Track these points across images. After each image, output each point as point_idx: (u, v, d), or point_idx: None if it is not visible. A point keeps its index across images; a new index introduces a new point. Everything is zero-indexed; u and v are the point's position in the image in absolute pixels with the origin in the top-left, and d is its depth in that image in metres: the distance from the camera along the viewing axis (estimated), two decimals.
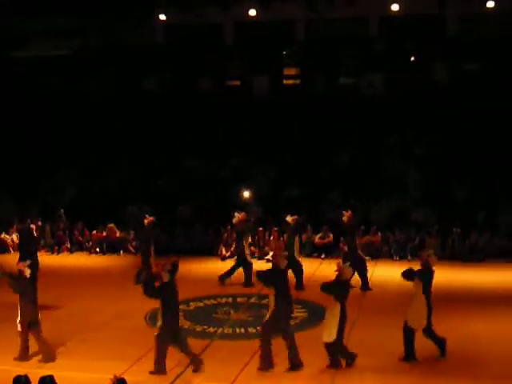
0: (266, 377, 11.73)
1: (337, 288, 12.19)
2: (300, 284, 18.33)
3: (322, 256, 22.02)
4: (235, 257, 22.24)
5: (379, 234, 22.23)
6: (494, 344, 13.45)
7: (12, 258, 22.62)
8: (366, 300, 16.89)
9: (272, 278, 12.20)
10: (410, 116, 27.25)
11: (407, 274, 12.76)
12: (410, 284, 12.67)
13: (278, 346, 12.17)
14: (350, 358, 12.13)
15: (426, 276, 12.63)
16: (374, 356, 12.23)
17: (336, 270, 12.36)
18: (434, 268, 12.79)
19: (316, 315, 15.71)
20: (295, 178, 26.01)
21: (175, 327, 12.04)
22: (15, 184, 27.43)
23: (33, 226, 18.84)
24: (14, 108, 30.53)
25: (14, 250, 23.77)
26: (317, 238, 22.38)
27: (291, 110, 28.52)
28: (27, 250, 18.12)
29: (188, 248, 22.54)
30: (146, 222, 19.38)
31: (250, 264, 18.84)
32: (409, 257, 21.00)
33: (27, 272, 12.65)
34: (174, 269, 12.39)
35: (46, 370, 9.84)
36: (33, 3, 29.31)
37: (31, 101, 30.65)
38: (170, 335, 11.91)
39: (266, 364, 11.87)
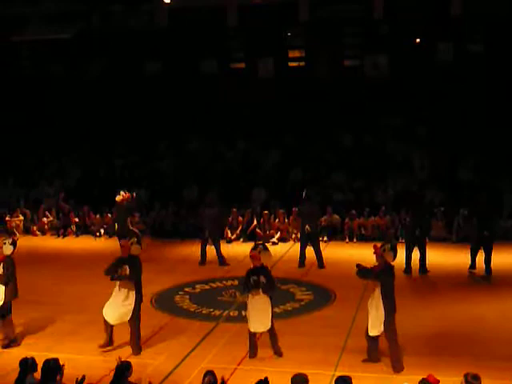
0: (271, 359, 11.75)
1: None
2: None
3: (325, 239, 21.92)
4: (241, 239, 22.46)
5: (387, 216, 22.13)
6: (500, 326, 13.43)
7: (18, 242, 22.76)
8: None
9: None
10: (415, 97, 27.13)
11: (363, 273, 11.59)
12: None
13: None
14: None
15: (385, 276, 11.23)
16: (381, 339, 12.21)
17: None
18: (393, 264, 11.48)
19: (321, 298, 15.76)
20: (300, 161, 25.95)
21: None
22: (19, 167, 27.45)
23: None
24: (17, 92, 30.50)
25: (19, 234, 23.81)
26: (322, 221, 22.29)
27: (296, 92, 28.44)
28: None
29: (193, 231, 22.51)
30: (119, 198, 19.59)
31: None
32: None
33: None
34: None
35: (53, 353, 9.87)
36: None
37: (33, 84, 30.62)
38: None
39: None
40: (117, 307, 12.13)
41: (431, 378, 8.17)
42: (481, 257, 17.51)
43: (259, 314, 11.75)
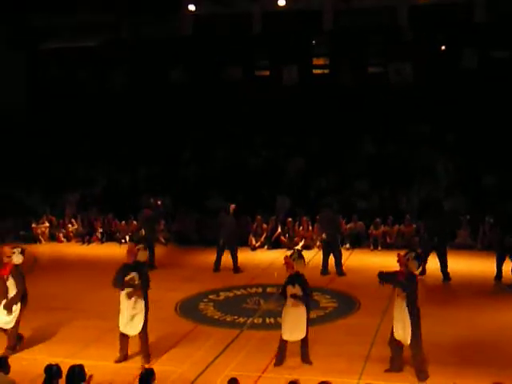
0: (295, 367, 11.71)
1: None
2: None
3: (347, 246, 21.88)
4: (265, 246, 22.48)
5: (413, 224, 22.00)
6: None
7: (43, 249, 22.94)
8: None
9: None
10: (439, 104, 27.02)
11: (385, 277, 11.52)
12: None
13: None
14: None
15: (409, 285, 11.14)
16: (405, 347, 12.15)
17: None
18: (416, 274, 11.49)
19: (346, 306, 15.72)
20: (324, 168, 25.92)
21: None
22: (45, 175, 27.64)
23: None
24: (44, 99, 30.77)
25: (44, 241, 24.00)
26: (346, 228, 22.24)
27: (320, 100, 28.43)
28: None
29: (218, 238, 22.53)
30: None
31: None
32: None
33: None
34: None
35: (77, 360, 9.91)
36: None
37: (60, 93, 30.86)
38: None
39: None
40: (129, 318, 11.95)
41: None
42: (507, 266, 17.40)
43: (293, 323, 11.66)
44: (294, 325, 11.67)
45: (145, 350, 12.02)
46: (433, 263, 17.91)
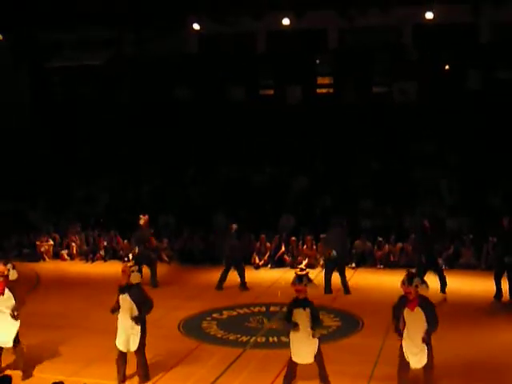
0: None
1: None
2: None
3: (353, 265, 21.89)
4: (269, 265, 22.46)
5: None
6: None
7: (47, 267, 22.97)
8: None
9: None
10: (444, 124, 27.07)
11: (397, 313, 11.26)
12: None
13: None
14: None
15: (432, 317, 11.05)
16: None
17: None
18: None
19: (349, 325, 15.70)
20: (328, 187, 25.95)
21: None
22: (49, 192, 27.70)
23: None
24: (49, 116, 30.90)
25: (49, 258, 24.04)
26: (353, 247, 22.26)
27: (324, 119, 28.51)
28: None
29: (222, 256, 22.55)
30: (141, 221, 19.57)
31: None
32: (444, 266, 20.67)
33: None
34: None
35: (79, 378, 9.91)
36: (65, 15, 29.53)
37: (65, 109, 31.00)
38: None
39: None
40: (126, 336, 11.86)
41: None
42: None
43: (302, 346, 11.35)
44: (303, 348, 11.33)
45: (144, 370, 11.93)
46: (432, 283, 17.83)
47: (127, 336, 11.79)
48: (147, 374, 11.98)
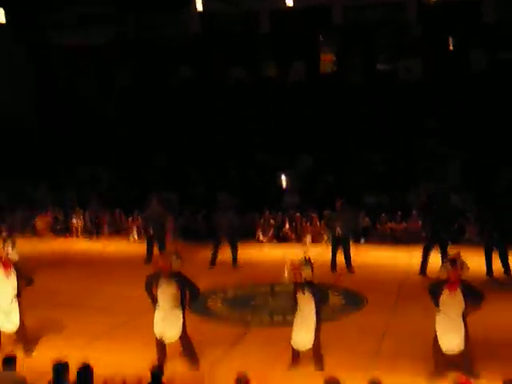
0: (303, 364, 11.66)
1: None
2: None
3: (362, 241, 21.85)
4: (273, 241, 22.48)
5: (419, 221, 21.97)
6: None
7: (50, 244, 22.96)
8: (404, 287, 16.74)
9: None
10: (449, 101, 26.96)
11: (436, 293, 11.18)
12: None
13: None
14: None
15: (475, 298, 11.36)
16: (413, 343, 12.10)
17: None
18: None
19: (354, 302, 15.68)
20: (332, 165, 25.89)
21: None
22: (51, 171, 27.66)
23: None
24: (51, 95, 30.81)
25: (50, 236, 24.03)
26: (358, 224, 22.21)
27: (328, 98, 28.39)
28: None
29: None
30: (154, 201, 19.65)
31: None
32: (448, 242, 20.54)
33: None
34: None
35: (84, 355, 9.89)
36: None
37: (67, 90, 30.91)
38: None
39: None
40: (166, 327, 11.75)
41: (463, 381, 8.13)
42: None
43: (302, 332, 11.44)
44: (302, 334, 11.41)
45: (193, 355, 11.84)
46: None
47: (168, 326, 11.69)
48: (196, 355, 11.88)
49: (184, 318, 11.79)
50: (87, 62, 31.53)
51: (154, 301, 11.80)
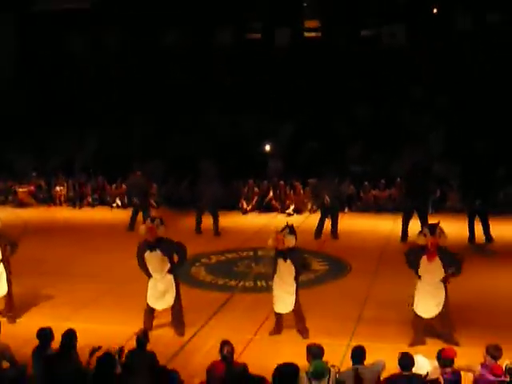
0: (287, 330, 11.75)
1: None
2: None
3: (346, 210, 21.89)
4: (256, 210, 22.51)
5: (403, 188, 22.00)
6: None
7: (33, 213, 22.88)
8: (387, 254, 16.83)
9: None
10: (433, 67, 26.91)
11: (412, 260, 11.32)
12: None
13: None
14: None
15: (456, 266, 11.20)
16: (395, 308, 12.21)
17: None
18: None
19: (337, 268, 15.78)
20: (315, 132, 25.83)
21: None
22: (36, 137, 27.42)
23: None
24: (35, 63, 30.49)
25: (29, 203, 23.86)
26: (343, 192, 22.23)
27: (312, 64, 28.25)
28: None
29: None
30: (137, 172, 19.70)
31: None
32: (430, 210, 20.67)
33: None
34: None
35: (69, 323, 9.95)
36: None
37: (52, 57, 30.56)
38: None
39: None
40: (160, 293, 11.79)
41: (448, 352, 8.22)
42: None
43: (283, 296, 11.54)
44: (283, 298, 11.51)
45: (179, 322, 11.88)
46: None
47: (161, 292, 11.74)
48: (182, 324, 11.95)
49: (177, 283, 11.82)
50: (73, 27, 31.07)
51: (148, 273, 11.82)
